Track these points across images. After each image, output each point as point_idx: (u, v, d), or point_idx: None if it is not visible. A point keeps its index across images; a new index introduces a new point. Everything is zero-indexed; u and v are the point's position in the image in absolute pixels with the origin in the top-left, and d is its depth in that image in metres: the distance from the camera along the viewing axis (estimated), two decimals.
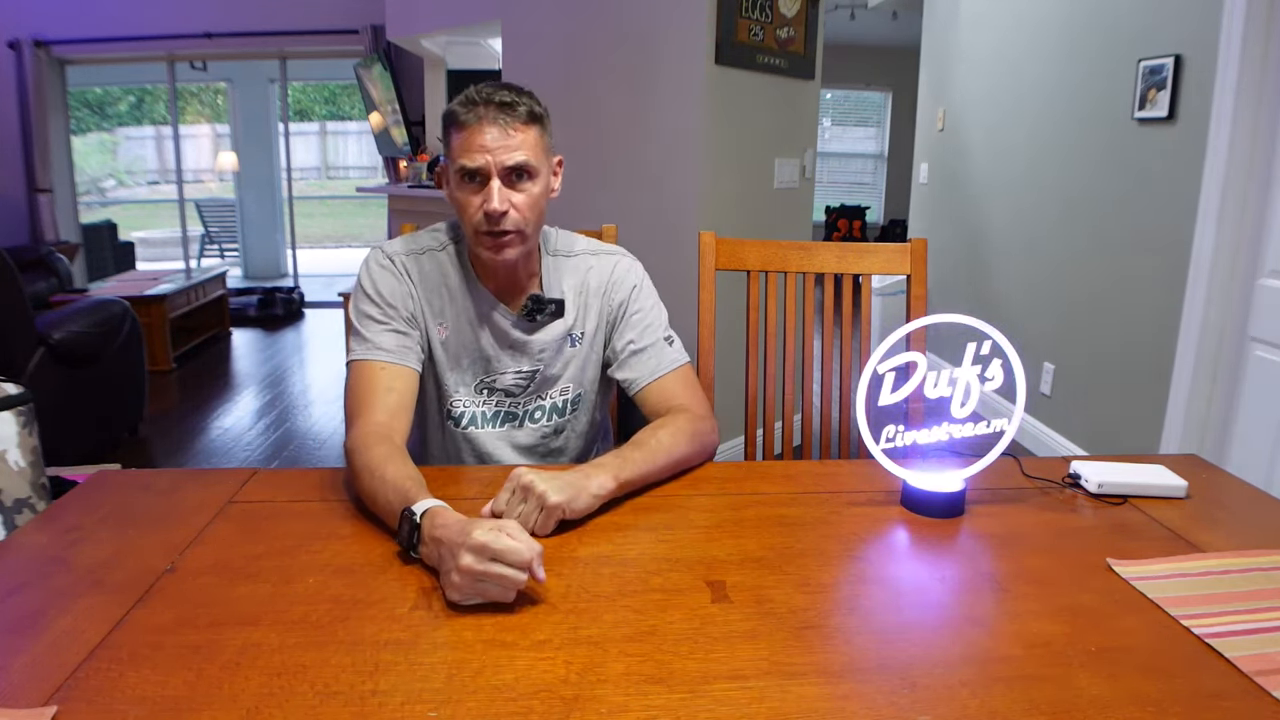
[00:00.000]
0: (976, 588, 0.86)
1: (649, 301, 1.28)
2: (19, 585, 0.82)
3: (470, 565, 0.76)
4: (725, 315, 1.58)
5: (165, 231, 9.08)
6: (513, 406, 1.25)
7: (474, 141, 1.07)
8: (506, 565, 0.76)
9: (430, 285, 1.20)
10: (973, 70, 3.99)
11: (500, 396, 1.24)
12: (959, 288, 4.10)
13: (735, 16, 2.74)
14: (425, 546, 0.84)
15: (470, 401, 1.23)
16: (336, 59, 6.16)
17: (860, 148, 8.96)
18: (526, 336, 1.22)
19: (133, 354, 3.36)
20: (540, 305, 1.20)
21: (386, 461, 0.97)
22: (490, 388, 1.23)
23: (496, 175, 1.08)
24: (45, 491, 1.51)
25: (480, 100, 1.07)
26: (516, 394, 1.24)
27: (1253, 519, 1.05)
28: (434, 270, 1.20)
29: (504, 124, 1.07)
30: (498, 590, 0.77)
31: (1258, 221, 2.35)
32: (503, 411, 1.25)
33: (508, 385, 1.23)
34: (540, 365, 1.23)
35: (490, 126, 1.06)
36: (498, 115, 1.07)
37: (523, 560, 0.76)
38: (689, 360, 1.27)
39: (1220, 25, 2.34)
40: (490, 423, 1.25)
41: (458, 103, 1.09)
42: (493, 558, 0.76)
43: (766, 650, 0.73)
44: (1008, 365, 1.01)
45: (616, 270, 1.27)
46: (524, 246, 1.14)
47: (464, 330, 1.20)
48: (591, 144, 3.09)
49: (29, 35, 5.84)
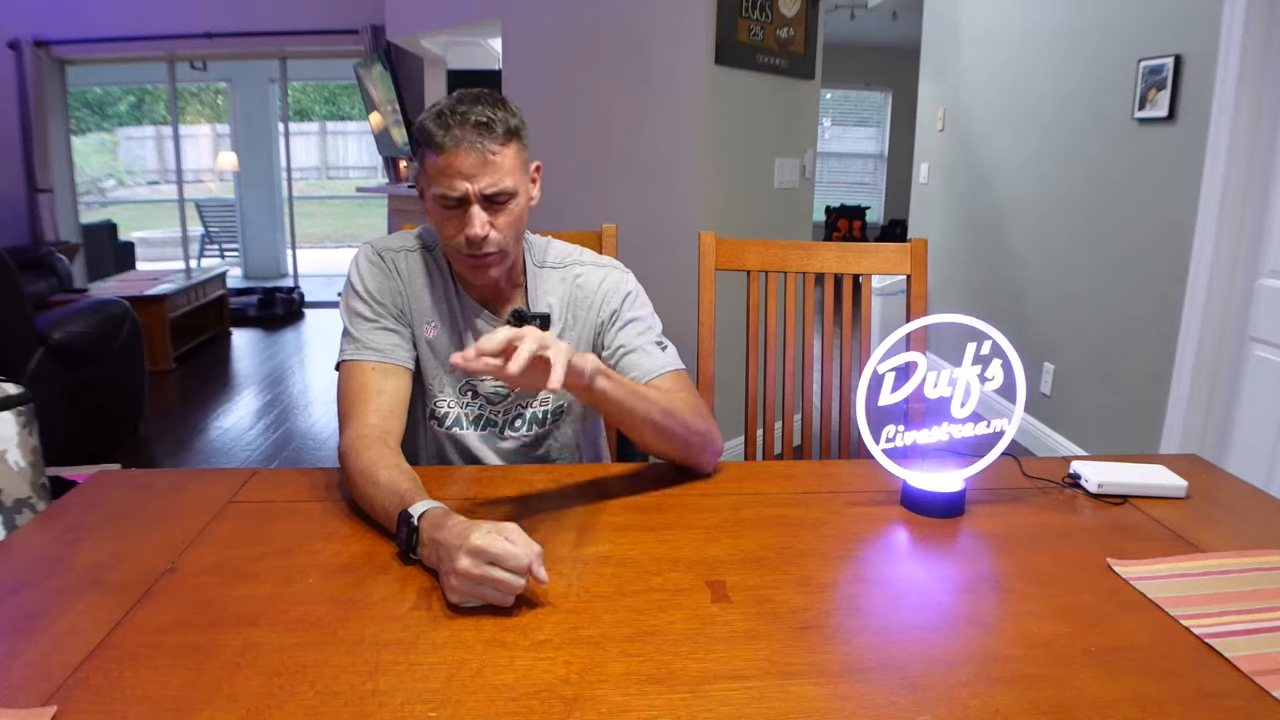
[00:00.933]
0: (976, 588, 0.86)
1: (643, 311, 1.24)
2: (19, 585, 0.82)
3: (468, 569, 0.75)
4: (725, 315, 1.58)
5: (165, 231, 9.09)
6: (492, 414, 1.23)
7: (452, 168, 1.03)
8: (505, 570, 0.76)
9: (419, 283, 1.18)
10: (973, 70, 3.99)
11: (482, 402, 1.22)
12: (959, 288, 4.10)
13: (735, 16, 2.74)
14: (424, 548, 0.84)
15: (455, 402, 1.22)
16: (336, 59, 6.16)
17: (860, 148, 8.96)
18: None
19: (133, 354, 3.36)
20: (522, 320, 1.15)
21: (381, 465, 0.96)
22: (474, 391, 1.22)
23: (476, 202, 1.05)
24: (45, 491, 1.51)
25: (455, 122, 1.02)
26: (496, 402, 1.22)
27: (1253, 519, 1.05)
28: (423, 269, 1.19)
29: (481, 149, 1.03)
30: (495, 595, 0.77)
31: (1258, 221, 2.35)
32: (484, 417, 1.23)
33: (488, 393, 1.21)
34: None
35: (469, 153, 1.02)
36: (476, 139, 1.02)
37: (520, 565, 0.76)
38: (684, 368, 1.21)
39: (1220, 25, 2.34)
40: (473, 425, 1.23)
41: (431, 119, 1.04)
42: (490, 561, 0.76)
43: (766, 650, 0.73)
44: (1008, 365, 1.01)
45: (608, 281, 1.23)
46: (506, 263, 1.13)
47: (449, 333, 1.19)
48: (591, 144, 3.09)
49: (29, 35, 5.84)
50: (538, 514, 1.00)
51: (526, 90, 3.36)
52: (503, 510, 1.01)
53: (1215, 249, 2.40)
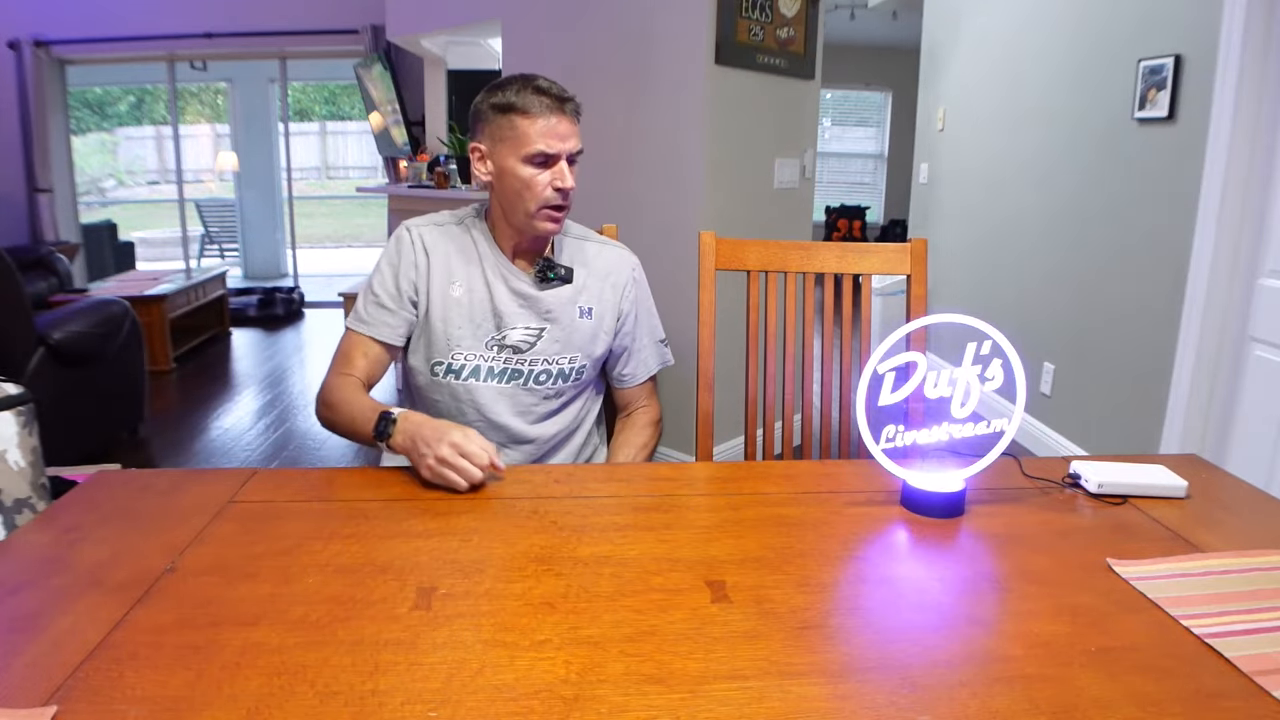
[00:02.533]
0: (976, 588, 0.86)
1: (650, 301, 1.47)
2: (19, 585, 0.82)
3: (445, 456, 1.03)
4: (725, 315, 1.58)
5: (165, 231, 9.08)
6: (519, 364, 1.35)
7: (553, 130, 1.24)
8: (471, 464, 1.03)
9: (447, 250, 1.34)
10: (973, 70, 3.99)
11: (509, 353, 1.34)
12: (959, 288, 4.10)
13: (735, 16, 2.74)
14: (397, 437, 1.09)
15: (476, 355, 1.34)
16: (336, 59, 6.16)
17: (860, 148, 8.96)
18: (536, 293, 1.34)
19: (133, 354, 3.36)
20: (551, 266, 1.34)
21: (359, 391, 1.25)
22: (500, 344, 1.34)
23: (565, 159, 1.26)
24: (45, 491, 1.51)
25: (548, 93, 1.24)
26: (524, 350, 1.34)
27: (1253, 519, 1.05)
28: (454, 239, 1.36)
29: (570, 116, 1.26)
30: (458, 480, 1.02)
31: (1258, 221, 2.35)
32: (509, 369, 1.35)
33: (516, 341, 1.34)
34: (547, 323, 1.34)
35: (563, 119, 1.25)
36: (566, 108, 1.25)
37: (483, 462, 1.04)
38: (669, 362, 1.50)
39: (1220, 25, 2.34)
40: (496, 378, 1.35)
41: (517, 93, 1.24)
42: (462, 454, 1.03)
43: (766, 650, 0.73)
44: (1008, 365, 1.01)
45: (632, 270, 1.43)
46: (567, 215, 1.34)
47: (479, 289, 1.33)
48: (591, 144, 3.07)
49: (29, 35, 5.84)
50: (537, 513, 1.00)
51: None
52: (503, 509, 1.01)
53: (1215, 249, 2.40)
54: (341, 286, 4.23)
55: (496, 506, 1.02)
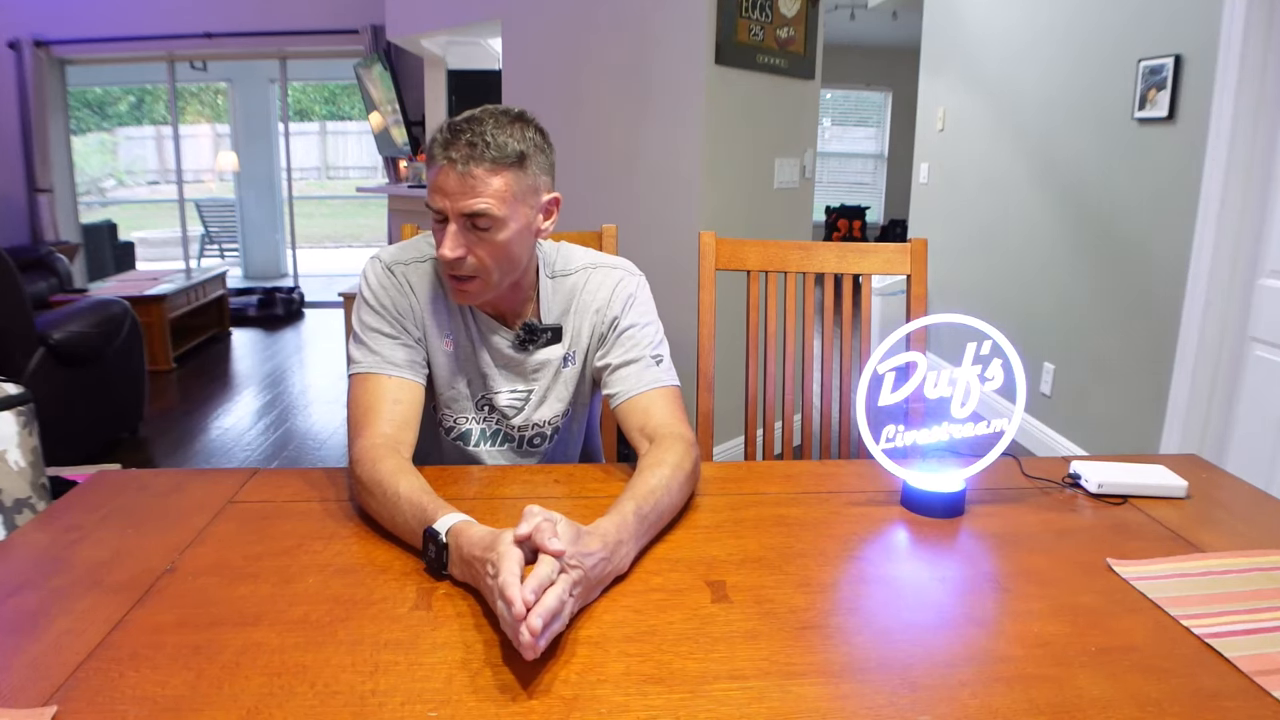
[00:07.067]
0: (977, 588, 0.86)
1: (643, 319, 1.21)
2: (19, 585, 0.82)
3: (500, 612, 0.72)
4: (725, 315, 1.58)
5: (165, 231, 9.07)
6: (509, 429, 1.23)
7: (435, 182, 1.02)
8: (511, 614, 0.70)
9: (432, 297, 1.16)
10: (973, 70, 3.99)
11: (499, 416, 1.23)
12: (959, 288, 4.10)
13: (735, 16, 2.74)
14: (456, 566, 0.83)
15: (469, 418, 1.23)
16: (336, 59, 6.16)
17: (860, 148, 8.96)
18: (521, 356, 1.20)
19: (133, 354, 3.36)
20: (533, 335, 1.17)
21: (398, 476, 0.94)
22: (490, 405, 1.22)
23: (454, 221, 1.03)
24: (45, 491, 1.51)
25: (451, 138, 1.01)
26: (511, 415, 1.22)
27: (1253, 519, 1.05)
28: (435, 281, 1.17)
29: (464, 171, 1.00)
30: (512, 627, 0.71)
31: (1258, 221, 2.35)
32: (502, 431, 1.24)
33: (503, 406, 1.21)
34: (535, 386, 1.22)
35: (451, 171, 1.00)
36: (461, 159, 1.00)
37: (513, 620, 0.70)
38: (678, 385, 1.18)
39: (1220, 25, 2.35)
40: (489, 440, 1.24)
41: (438, 128, 1.04)
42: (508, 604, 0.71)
43: (766, 650, 0.73)
44: (1008, 365, 1.01)
45: (617, 286, 1.21)
46: (489, 292, 1.10)
47: (465, 346, 1.19)
48: (591, 144, 3.09)
49: (29, 35, 5.84)
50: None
51: (526, 90, 3.36)
52: (503, 509, 1.01)
53: (1215, 249, 2.40)
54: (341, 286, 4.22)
55: (497, 506, 1.02)
